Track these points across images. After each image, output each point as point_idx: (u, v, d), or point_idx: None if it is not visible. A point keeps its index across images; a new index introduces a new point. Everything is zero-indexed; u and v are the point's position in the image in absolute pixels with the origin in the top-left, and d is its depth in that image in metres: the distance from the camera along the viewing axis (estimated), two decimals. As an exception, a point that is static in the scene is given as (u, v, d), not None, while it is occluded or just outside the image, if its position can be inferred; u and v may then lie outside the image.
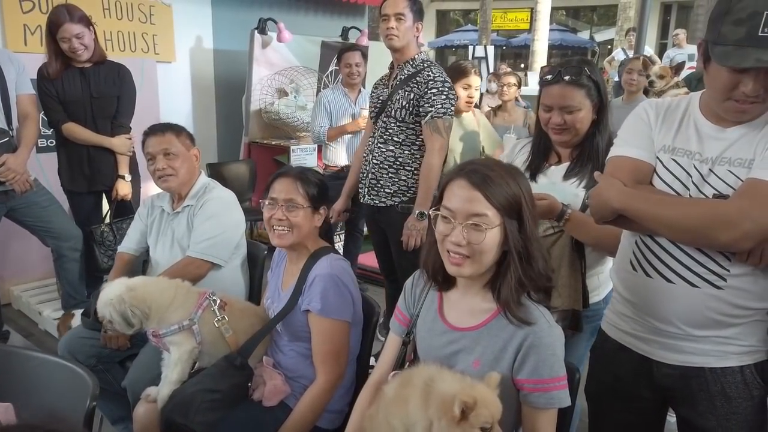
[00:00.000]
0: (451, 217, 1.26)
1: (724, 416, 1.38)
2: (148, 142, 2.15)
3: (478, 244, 1.23)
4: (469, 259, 1.25)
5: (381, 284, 4.22)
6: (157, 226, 2.27)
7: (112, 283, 1.78)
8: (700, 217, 1.25)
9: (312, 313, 1.66)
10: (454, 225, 1.25)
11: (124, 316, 1.69)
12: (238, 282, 2.25)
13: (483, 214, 1.23)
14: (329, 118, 3.83)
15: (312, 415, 1.64)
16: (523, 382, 1.25)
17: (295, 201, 1.71)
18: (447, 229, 1.27)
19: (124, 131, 3.10)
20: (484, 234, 1.23)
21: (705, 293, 1.33)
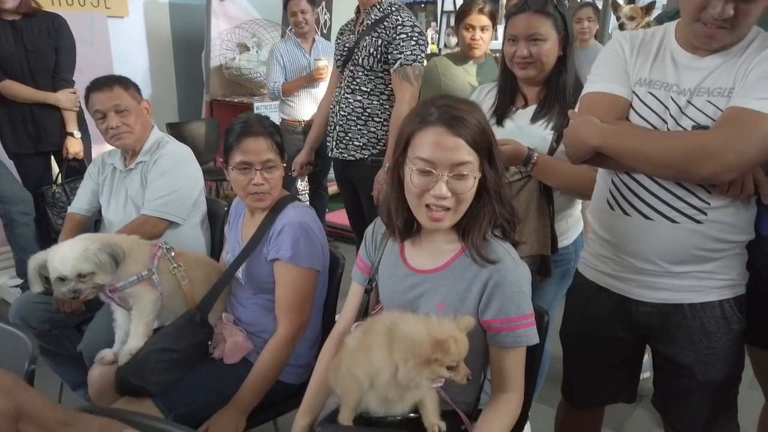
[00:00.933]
0: (432, 168, 1.16)
1: (703, 351, 1.36)
2: (94, 98, 2.00)
3: (463, 194, 1.17)
4: (450, 210, 1.18)
5: (352, 242, 4.18)
6: (109, 184, 2.16)
7: (63, 243, 1.64)
8: (681, 151, 1.21)
9: (280, 261, 1.59)
10: (437, 178, 1.16)
11: (113, 254, 1.59)
12: (199, 241, 2.15)
13: (467, 161, 1.16)
14: (284, 72, 3.68)
15: (274, 369, 1.58)
16: (490, 322, 1.20)
17: (271, 161, 1.62)
18: (428, 182, 1.17)
19: (67, 85, 2.92)
20: (469, 182, 1.16)
21: (685, 228, 1.30)
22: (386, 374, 1.14)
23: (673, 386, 1.45)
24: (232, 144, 1.62)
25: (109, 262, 1.59)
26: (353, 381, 1.21)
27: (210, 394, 1.57)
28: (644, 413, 2.30)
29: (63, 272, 1.55)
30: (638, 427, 2.27)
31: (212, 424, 1.51)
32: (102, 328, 1.87)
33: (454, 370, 1.11)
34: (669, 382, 1.47)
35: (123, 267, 1.64)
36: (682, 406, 1.45)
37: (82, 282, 1.57)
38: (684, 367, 1.39)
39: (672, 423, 1.49)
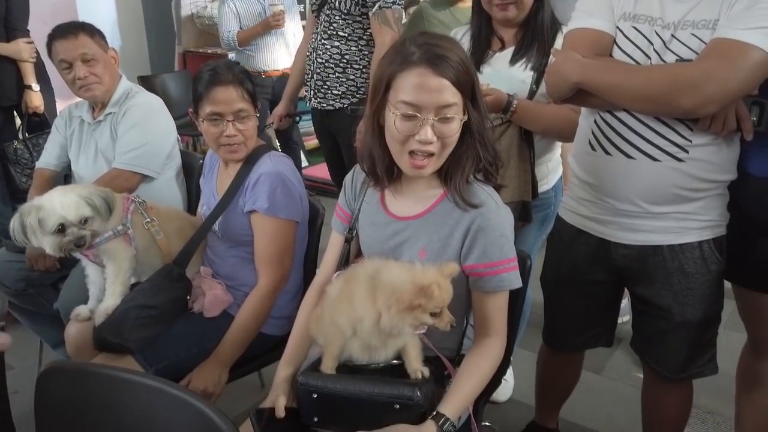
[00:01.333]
0: (417, 112, 1.11)
1: (681, 292, 1.38)
2: (58, 47, 1.90)
3: (449, 137, 1.12)
4: (434, 156, 1.14)
5: (333, 195, 4.13)
6: (77, 137, 2.08)
7: (50, 193, 1.55)
8: (662, 83, 1.19)
9: (258, 213, 1.54)
10: (422, 122, 1.11)
11: (107, 199, 1.53)
12: (174, 195, 2.10)
13: (452, 103, 1.11)
14: (238, 21, 3.53)
15: (255, 322, 1.56)
16: (472, 267, 1.19)
17: (243, 110, 1.54)
18: (413, 127, 1.11)
19: (22, 35, 2.75)
20: (454, 124, 1.12)
21: (667, 167, 1.29)
22: (369, 322, 1.12)
23: (651, 328, 1.47)
24: (201, 94, 1.54)
25: (104, 207, 1.53)
26: (336, 330, 1.20)
27: (191, 347, 1.55)
28: (623, 356, 2.35)
29: (68, 217, 1.47)
30: (617, 370, 2.32)
31: (194, 376, 1.50)
32: (78, 285, 1.83)
33: (438, 317, 1.10)
34: (647, 324, 1.48)
35: None
36: (660, 348, 1.47)
37: (83, 229, 1.50)
38: (662, 308, 1.41)
39: (650, 365, 1.52)
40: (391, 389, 1.12)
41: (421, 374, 1.16)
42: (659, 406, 1.60)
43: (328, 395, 1.15)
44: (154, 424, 0.93)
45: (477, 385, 1.19)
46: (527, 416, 1.91)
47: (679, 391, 1.54)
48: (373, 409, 1.13)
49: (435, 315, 1.09)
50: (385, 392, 1.12)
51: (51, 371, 0.99)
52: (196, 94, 1.57)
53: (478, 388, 1.20)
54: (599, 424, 2.05)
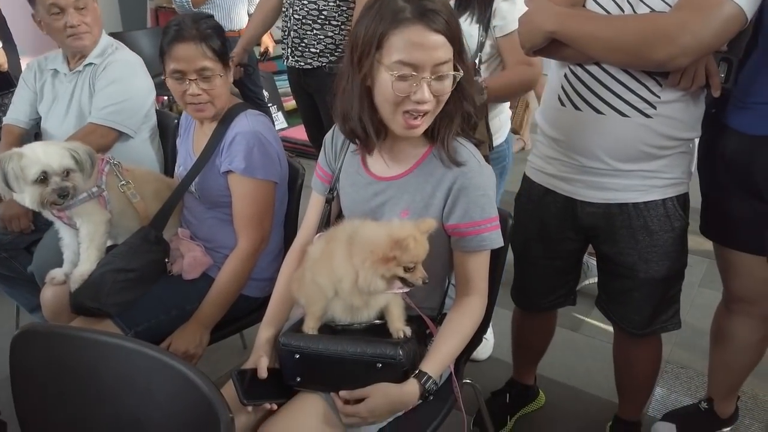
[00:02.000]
0: (413, 71, 1.06)
1: (645, 250, 1.40)
2: None
3: (444, 95, 1.10)
4: (428, 115, 1.11)
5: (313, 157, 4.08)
6: (49, 89, 2.01)
7: (31, 145, 1.50)
8: (636, 33, 1.17)
9: (234, 173, 1.51)
10: (419, 82, 1.06)
11: (90, 153, 1.49)
12: (150, 156, 2.05)
13: (447, 60, 1.08)
14: None
15: (236, 284, 1.54)
16: (454, 227, 1.18)
17: (207, 69, 1.47)
18: (409, 87, 1.07)
19: None
20: (448, 81, 1.09)
21: (635, 123, 1.29)
22: (348, 281, 1.12)
23: (617, 286, 1.50)
24: (164, 49, 1.48)
25: (88, 162, 1.49)
26: (318, 290, 1.19)
27: (171, 310, 1.54)
28: (600, 314, 2.38)
29: (51, 165, 1.42)
30: (594, 327, 2.37)
31: (174, 338, 1.48)
32: (52, 247, 1.79)
33: (411, 272, 1.09)
34: (612, 282, 1.51)
35: None
36: (625, 305, 1.50)
37: (66, 180, 1.45)
38: (627, 266, 1.43)
39: (616, 322, 1.55)
40: (373, 348, 1.12)
41: (403, 333, 1.16)
42: (627, 361, 1.65)
43: (310, 355, 1.15)
44: (135, 386, 0.92)
45: (458, 344, 1.20)
46: (507, 374, 1.95)
47: (647, 345, 1.58)
48: (355, 369, 1.13)
49: (409, 270, 1.08)
50: (367, 351, 1.12)
51: (25, 334, 0.97)
52: (161, 49, 1.50)
53: (460, 347, 1.20)
54: (577, 380, 2.10)
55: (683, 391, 2.03)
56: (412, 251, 1.06)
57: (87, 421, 0.96)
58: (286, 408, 1.19)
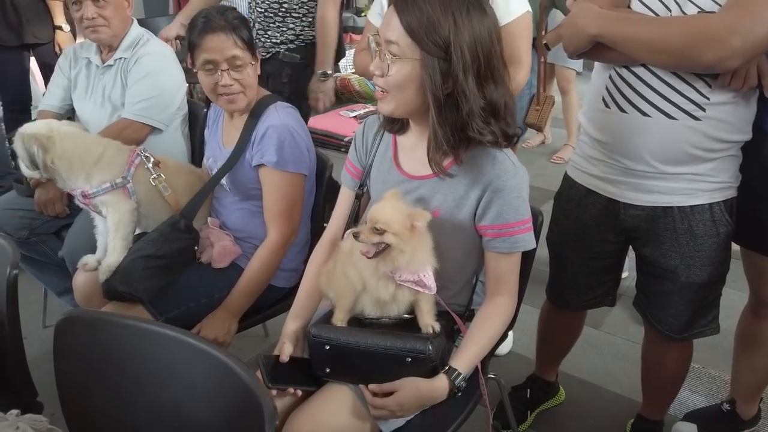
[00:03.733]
0: (377, 43, 1.13)
1: (688, 254, 1.38)
2: None
3: (390, 76, 1.11)
4: (387, 94, 1.14)
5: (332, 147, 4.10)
6: (84, 80, 2.03)
7: (35, 122, 1.62)
8: (682, 35, 1.15)
9: (266, 166, 1.53)
10: (379, 53, 1.13)
11: (29, 152, 1.53)
12: (179, 145, 2.08)
13: (393, 41, 1.09)
14: None
15: (265, 274, 1.57)
16: (487, 228, 1.18)
17: (238, 57, 1.49)
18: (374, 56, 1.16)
19: None
20: (393, 65, 1.10)
21: (683, 125, 1.27)
22: (368, 271, 1.15)
23: (656, 288, 1.48)
24: (195, 42, 1.50)
25: (23, 157, 1.56)
26: (347, 283, 1.21)
27: (200, 297, 1.56)
28: (622, 311, 2.39)
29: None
30: (616, 325, 2.36)
31: (204, 325, 1.51)
32: (82, 233, 1.83)
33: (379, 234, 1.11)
34: (652, 284, 1.49)
35: (95, 171, 1.57)
36: (663, 308, 1.48)
37: None
38: (668, 269, 1.41)
39: (653, 324, 1.53)
40: (403, 343, 1.14)
41: (432, 328, 1.17)
42: (659, 363, 1.63)
43: (341, 347, 1.17)
44: (174, 372, 0.94)
45: (488, 342, 1.21)
46: (527, 369, 1.96)
47: (679, 349, 1.57)
48: (384, 362, 1.14)
49: (378, 231, 1.11)
50: (397, 345, 1.14)
51: (69, 320, 1.00)
52: (190, 42, 1.52)
53: (489, 345, 1.22)
54: (597, 377, 2.11)
55: (705, 392, 2.03)
56: (376, 220, 1.10)
57: (127, 405, 0.98)
58: (316, 398, 1.21)
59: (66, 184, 1.60)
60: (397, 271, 1.13)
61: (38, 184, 1.93)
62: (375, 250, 1.12)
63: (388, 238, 1.10)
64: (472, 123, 1.11)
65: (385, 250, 1.12)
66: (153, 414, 0.96)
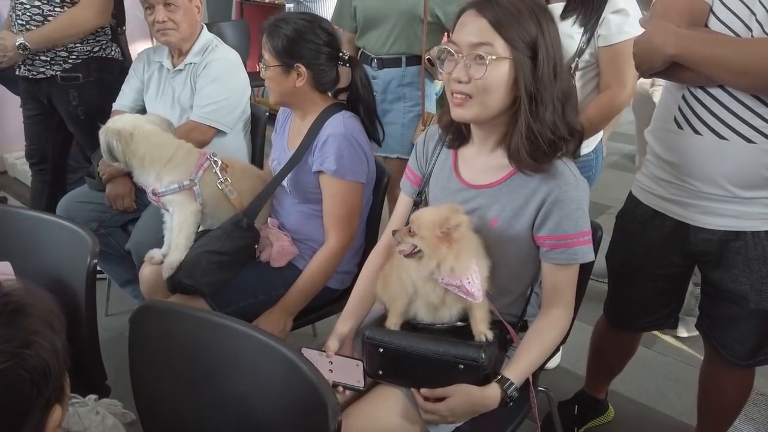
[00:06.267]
0: (456, 51, 1.14)
1: (759, 280, 1.34)
2: None
3: (481, 79, 1.11)
4: (473, 99, 1.14)
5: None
6: (156, 82, 2.14)
7: (124, 116, 1.76)
8: (766, 58, 1.12)
9: (325, 174, 1.57)
10: (458, 60, 1.13)
11: (110, 146, 1.64)
12: (241, 147, 2.16)
13: (487, 43, 1.10)
14: None
15: (322, 277, 1.61)
16: (545, 239, 1.19)
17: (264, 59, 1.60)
18: (450, 66, 1.15)
19: None
20: (486, 67, 1.10)
21: (761, 149, 1.23)
22: (416, 274, 1.17)
23: (723, 313, 1.43)
24: None
25: (104, 150, 1.67)
26: (401, 286, 1.24)
27: (258, 294, 1.62)
28: (675, 332, 2.32)
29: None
30: (669, 346, 2.30)
31: (261, 321, 1.56)
32: (148, 228, 1.92)
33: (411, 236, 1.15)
34: (718, 308, 1.45)
35: (165, 171, 1.65)
36: (729, 333, 1.44)
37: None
38: (737, 295, 1.37)
39: (716, 347, 1.49)
40: (456, 349, 1.15)
41: (485, 337, 1.18)
42: (718, 388, 1.58)
43: (394, 351, 1.19)
44: (241, 365, 0.99)
45: (542, 354, 1.21)
46: (574, 384, 1.94)
47: (741, 376, 1.52)
48: (437, 368, 1.16)
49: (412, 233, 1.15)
50: (450, 352, 1.15)
51: (143, 309, 1.06)
52: None
53: (543, 357, 1.22)
54: (648, 398, 2.06)
55: (763, 419, 1.96)
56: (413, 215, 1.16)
57: (194, 394, 1.04)
58: (368, 397, 1.24)
59: (139, 179, 1.70)
60: (439, 275, 1.15)
61: (109, 179, 2.04)
62: (409, 250, 1.15)
63: (417, 240, 1.14)
64: (557, 121, 1.15)
65: (418, 253, 1.15)
66: (219, 404, 1.00)
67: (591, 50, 1.65)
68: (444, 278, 1.16)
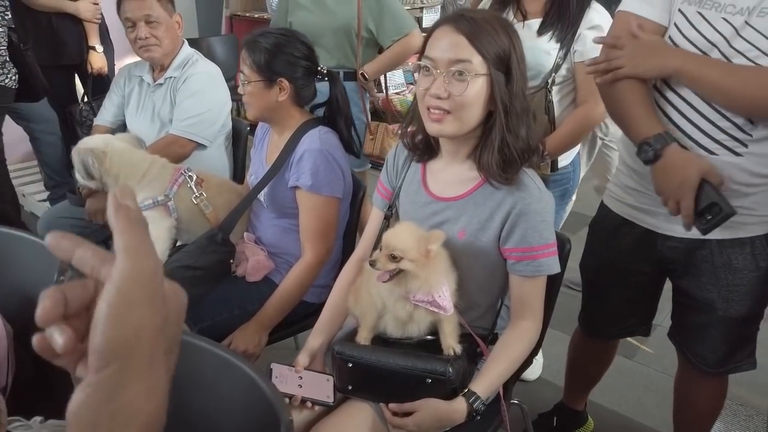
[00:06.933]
0: (433, 66, 1.14)
1: (726, 288, 1.35)
2: (125, 5, 1.97)
3: (460, 96, 1.12)
4: (451, 115, 1.15)
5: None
6: (136, 97, 2.15)
7: (94, 136, 1.78)
8: (761, 89, 1.15)
9: (301, 189, 1.58)
10: (435, 76, 1.14)
11: (86, 164, 1.64)
12: (222, 161, 2.16)
13: (466, 60, 1.12)
14: None
15: (298, 291, 1.61)
16: (511, 251, 1.20)
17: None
18: (428, 81, 1.16)
19: None
20: (466, 83, 1.11)
21: (722, 161, 1.25)
22: (386, 291, 1.18)
23: (692, 321, 1.45)
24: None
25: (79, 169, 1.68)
26: (370, 301, 1.25)
27: (234, 309, 1.62)
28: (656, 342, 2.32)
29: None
30: (650, 357, 2.31)
31: (236, 337, 1.56)
32: (129, 243, 1.92)
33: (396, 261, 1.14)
34: (688, 316, 1.46)
35: (139, 187, 1.66)
36: (700, 341, 1.45)
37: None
38: (705, 302, 1.38)
39: (688, 357, 1.50)
40: (424, 364, 1.16)
41: (453, 351, 1.19)
42: (692, 397, 1.59)
43: (363, 366, 1.20)
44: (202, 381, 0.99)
45: (510, 367, 1.22)
46: (555, 396, 1.94)
47: (714, 384, 1.53)
48: (405, 382, 1.16)
49: (395, 258, 1.13)
50: (418, 366, 1.16)
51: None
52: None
53: (511, 369, 1.22)
54: (628, 408, 2.06)
55: (741, 429, 1.96)
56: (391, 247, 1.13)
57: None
58: (338, 413, 1.24)
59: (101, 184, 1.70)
60: (411, 292, 1.15)
61: (89, 194, 2.05)
62: (389, 275, 1.15)
63: (405, 264, 1.13)
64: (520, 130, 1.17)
65: (399, 274, 1.15)
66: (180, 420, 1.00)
67: (568, 65, 1.68)
68: (416, 295, 1.17)
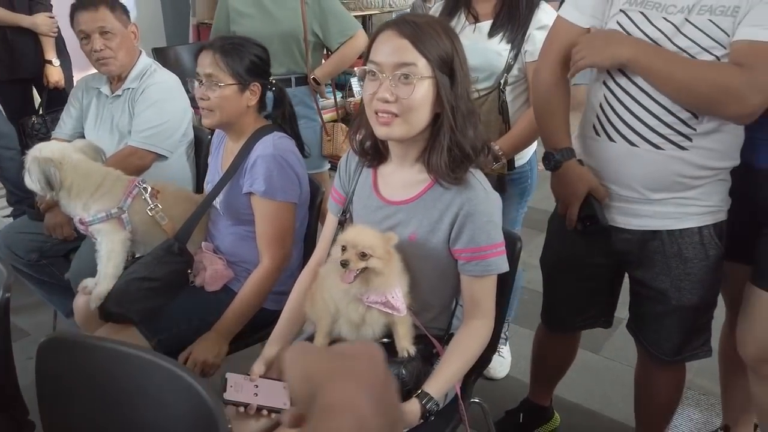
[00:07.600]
0: (379, 71, 1.15)
1: (678, 277, 1.39)
2: (79, 17, 1.95)
3: (407, 98, 1.13)
4: (399, 117, 1.15)
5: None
6: (94, 110, 2.12)
7: (50, 143, 1.71)
8: (711, 86, 1.19)
9: (256, 195, 1.57)
10: (382, 80, 1.14)
11: (47, 174, 1.59)
12: (184, 170, 2.14)
13: (412, 63, 1.13)
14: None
15: (257, 299, 1.60)
16: (461, 252, 1.21)
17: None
18: (374, 86, 1.16)
19: (44, 9, 2.79)
20: (412, 86, 1.12)
21: (669, 155, 1.29)
22: (339, 294, 1.19)
23: (648, 311, 1.49)
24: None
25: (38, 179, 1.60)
26: (324, 306, 1.25)
27: (193, 320, 1.60)
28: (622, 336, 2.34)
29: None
30: (615, 350, 2.34)
31: (195, 347, 1.54)
32: (88, 256, 1.88)
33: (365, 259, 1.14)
34: (643, 307, 1.50)
35: (92, 200, 1.63)
36: (655, 330, 1.49)
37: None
38: (659, 292, 1.42)
39: (645, 346, 1.53)
40: (377, 366, 1.16)
41: (407, 352, 1.19)
42: (652, 387, 1.62)
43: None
44: (148, 394, 0.98)
45: (463, 365, 1.23)
46: (523, 393, 1.95)
47: (672, 372, 1.56)
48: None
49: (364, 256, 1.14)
50: (371, 369, 1.16)
51: (51, 342, 1.05)
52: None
53: (464, 369, 1.23)
54: (594, 403, 2.09)
55: (703, 418, 1.99)
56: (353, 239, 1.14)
57: (105, 425, 1.03)
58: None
59: (66, 209, 1.67)
60: (365, 293, 1.15)
61: (47, 208, 2.02)
62: (354, 275, 1.15)
63: (373, 262, 1.14)
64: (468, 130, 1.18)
65: (362, 273, 1.15)
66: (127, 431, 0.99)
67: (519, 65, 1.71)
68: (369, 296, 1.17)
